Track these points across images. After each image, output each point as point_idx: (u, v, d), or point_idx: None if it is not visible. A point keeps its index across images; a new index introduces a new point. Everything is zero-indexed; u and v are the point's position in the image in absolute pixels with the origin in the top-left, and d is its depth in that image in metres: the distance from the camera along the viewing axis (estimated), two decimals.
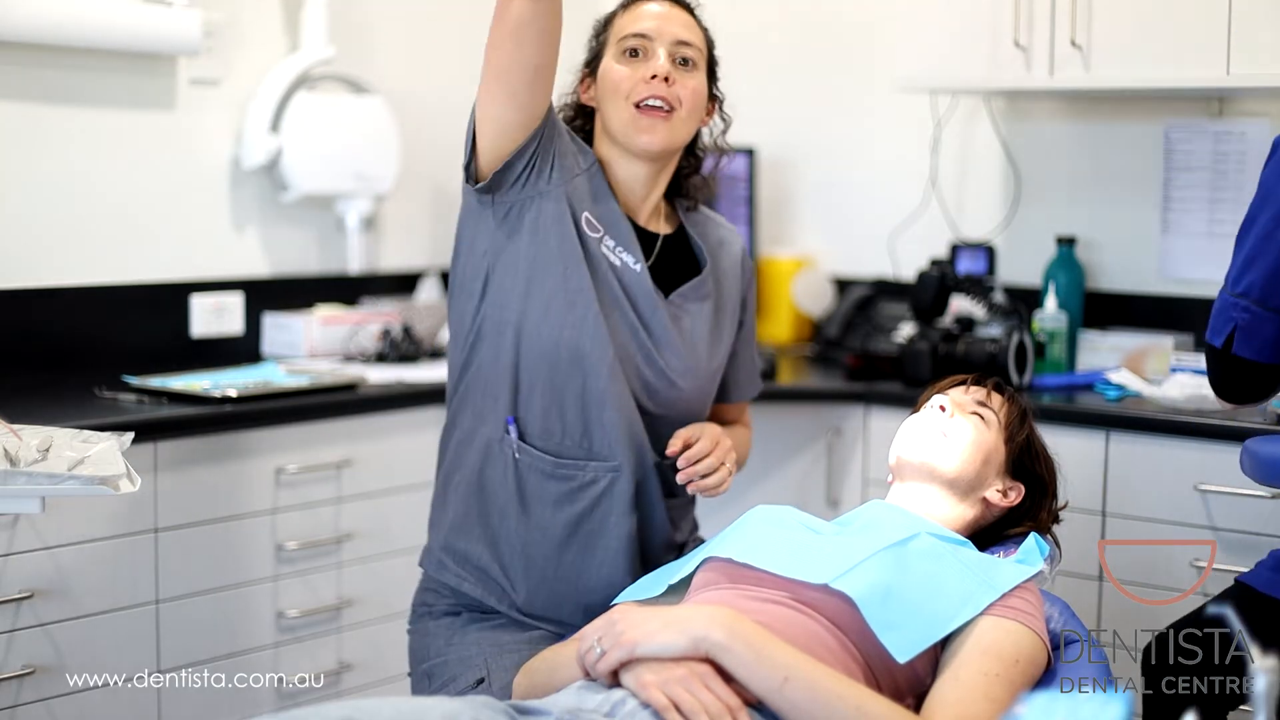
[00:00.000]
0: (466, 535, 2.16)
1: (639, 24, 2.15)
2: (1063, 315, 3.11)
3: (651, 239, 2.21)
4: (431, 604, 2.21)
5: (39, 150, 2.93)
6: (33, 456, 2.00)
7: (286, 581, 2.79)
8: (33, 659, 2.39)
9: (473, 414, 2.16)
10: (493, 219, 2.14)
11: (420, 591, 2.25)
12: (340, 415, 2.88)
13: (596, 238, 2.13)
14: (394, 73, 3.49)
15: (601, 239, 2.13)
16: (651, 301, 2.14)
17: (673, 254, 2.23)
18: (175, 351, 3.11)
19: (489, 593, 2.15)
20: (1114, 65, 2.92)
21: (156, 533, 2.57)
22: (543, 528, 2.12)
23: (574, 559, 2.12)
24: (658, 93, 2.11)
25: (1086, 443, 2.75)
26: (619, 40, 2.16)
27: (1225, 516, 2.62)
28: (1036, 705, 1.28)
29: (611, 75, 2.14)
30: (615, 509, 2.11)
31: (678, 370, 2.15)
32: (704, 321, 2.21)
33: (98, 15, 2.90)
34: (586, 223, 2.12)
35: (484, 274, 2.14)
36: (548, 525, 2.12)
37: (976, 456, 1.98)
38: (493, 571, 2.14)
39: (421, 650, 2.20)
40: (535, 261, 2.10)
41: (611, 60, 2.16)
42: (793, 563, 1.82)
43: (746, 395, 2.35)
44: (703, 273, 2.23)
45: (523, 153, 2.08)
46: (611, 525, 2.11)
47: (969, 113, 3.44)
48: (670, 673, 1.67)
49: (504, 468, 2.12)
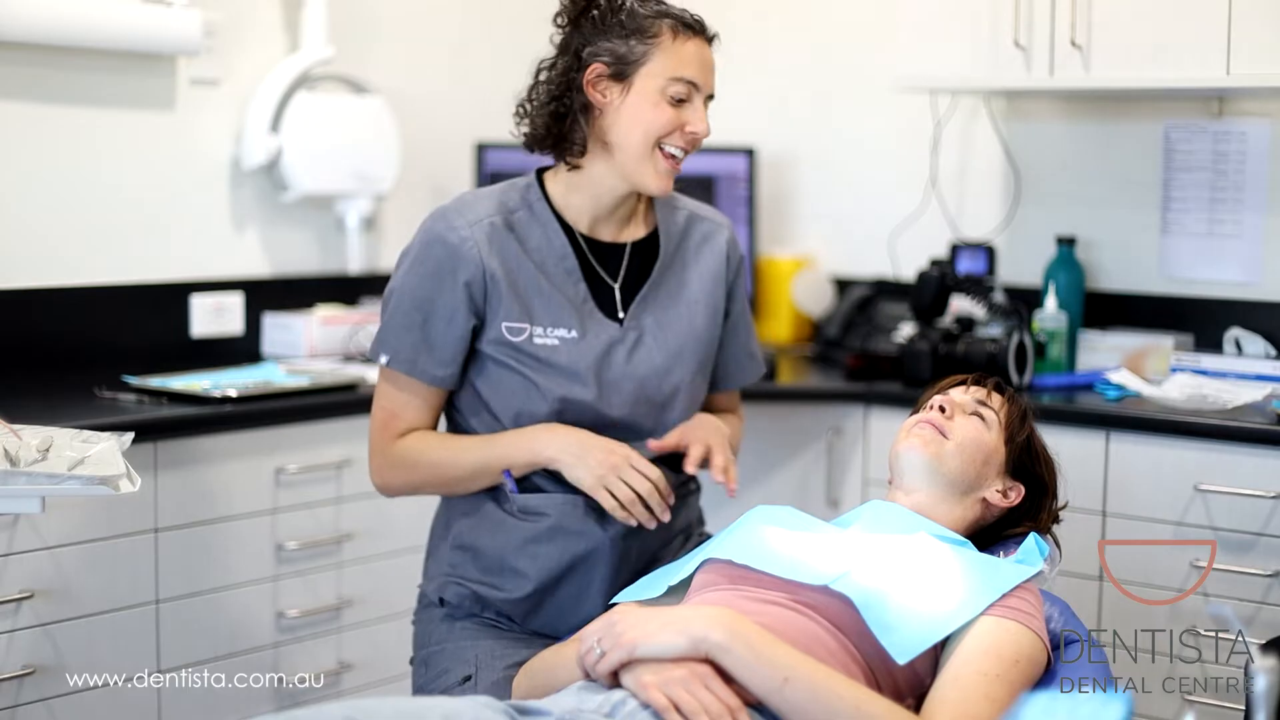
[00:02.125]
0: (468, 552, 2.19)
1: (689, 70, 2.10)
2: (1063, 315, 3.11)
3: (618, 253, 2.20)
4: (433, 595, 2.22)
5: (39, 150, 2.93)
6: (33, 456, 2.00)
7: (286, 581, 2.79)
8: (33, 659, 2.39)
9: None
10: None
11: (426, 579, 2.26)
12: (340, 415, 2.88)
13: (521, 340, 2.12)
14: (394, 73, 3.49)
15: (528, 337, 2.12)
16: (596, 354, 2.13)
17: (648, 256, 2.22)
18: (175, 351, 3.11)
19: (488, 605, 2.17)
20: (1114, 65, 2.92)
21: (156, 533, 2.57)
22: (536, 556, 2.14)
23: (570, 588, 2.14)
24: (688, 145, 2.11)
25: (1086, 443, 2.75)
26: (667, 77, 2.09)
27: (1225, 516, 2.62)
28: (1036, 705, 1.28)
29: (649, 113, 2.09)
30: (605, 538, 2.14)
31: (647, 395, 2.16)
32: (676, 324, 2.20)
33: (98, 15, 2.89)
34: (507, 331, 2.12)
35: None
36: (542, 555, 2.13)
37: (976, 457, 1.98)
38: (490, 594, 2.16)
39: (423, 636, 2.22)
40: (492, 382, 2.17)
41: (653, 94, 2.09)
42: (791, 564, 1.82)
43: (735, 384, 2.34)
44: (650, 277, 2.19)
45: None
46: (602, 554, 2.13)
47: (969, 113, 3.44)
48: (670, 673, 1.67)
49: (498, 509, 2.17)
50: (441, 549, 2.23)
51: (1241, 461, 2.61)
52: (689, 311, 2.21)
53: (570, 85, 2.13)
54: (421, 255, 2.13)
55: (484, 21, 3.72)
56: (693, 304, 2.22)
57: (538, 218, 2.17)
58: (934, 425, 1.99)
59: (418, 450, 2.16)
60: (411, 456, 2.15)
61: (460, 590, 2.17)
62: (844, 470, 3.12)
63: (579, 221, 2.18)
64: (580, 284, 2.15)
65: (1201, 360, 2.90)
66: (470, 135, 3.55)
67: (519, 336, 2.12)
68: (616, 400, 2.14)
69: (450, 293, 2.11)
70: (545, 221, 2.17)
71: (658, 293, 2.20)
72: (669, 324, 2.19)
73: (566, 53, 2.14)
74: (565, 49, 2.15)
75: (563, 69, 2.14)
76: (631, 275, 2.20)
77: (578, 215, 2.18)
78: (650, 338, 2.17)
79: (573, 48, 2.13)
